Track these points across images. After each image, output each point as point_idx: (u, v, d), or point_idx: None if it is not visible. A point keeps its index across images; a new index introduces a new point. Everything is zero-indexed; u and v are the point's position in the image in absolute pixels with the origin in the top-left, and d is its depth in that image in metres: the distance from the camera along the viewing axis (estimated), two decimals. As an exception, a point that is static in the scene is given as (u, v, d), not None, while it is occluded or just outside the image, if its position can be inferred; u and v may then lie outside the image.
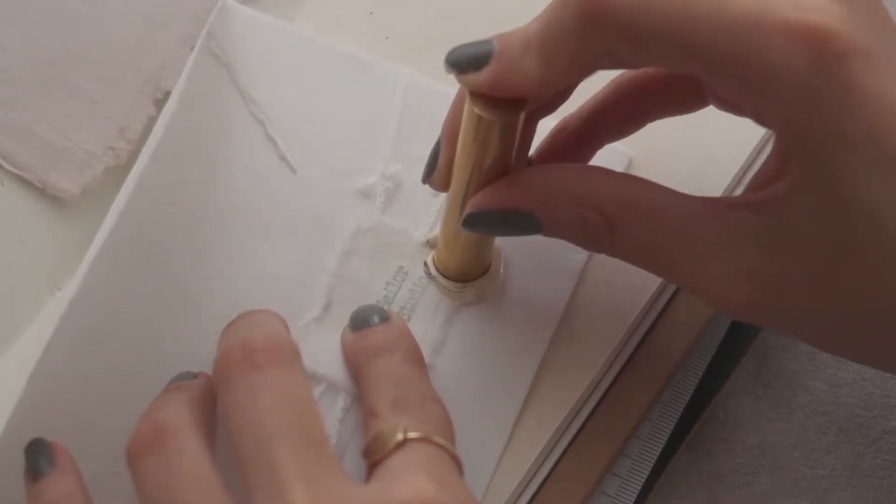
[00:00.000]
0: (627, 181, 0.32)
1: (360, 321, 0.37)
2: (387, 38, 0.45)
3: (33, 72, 0.43)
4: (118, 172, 0.41)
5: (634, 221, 0.32)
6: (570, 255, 0.39)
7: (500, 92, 0.31)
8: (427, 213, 0.41)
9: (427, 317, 0.38)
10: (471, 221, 0.34)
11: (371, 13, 0.46)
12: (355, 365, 0.36)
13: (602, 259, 0.40)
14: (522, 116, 0.32)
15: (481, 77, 0.31)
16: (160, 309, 0.38)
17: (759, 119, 0.30)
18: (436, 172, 0.37)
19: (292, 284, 0.39)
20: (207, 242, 0.40)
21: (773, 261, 0.29)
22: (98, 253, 0.36)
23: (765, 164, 0.31)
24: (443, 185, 0.37)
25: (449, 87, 0.38)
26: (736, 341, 0.42)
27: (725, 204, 0.31)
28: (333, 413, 0.37)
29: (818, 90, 0.27)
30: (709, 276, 0.31)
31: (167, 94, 0.42)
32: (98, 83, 0.43)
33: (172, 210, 0.40)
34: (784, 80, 0.27)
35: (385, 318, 0.36)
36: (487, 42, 0.31)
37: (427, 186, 0.38)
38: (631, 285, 0.39)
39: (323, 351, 0.38)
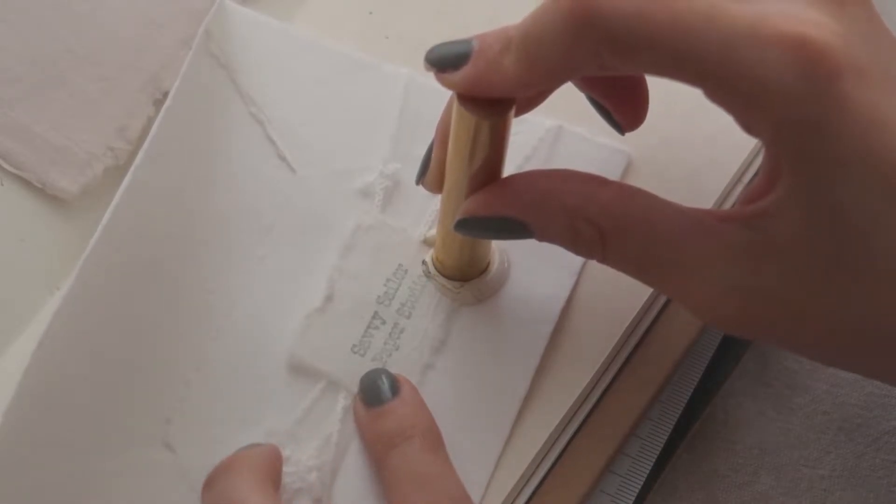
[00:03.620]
0: (621, 192, 0.32)
1: (372, 396, 0.36)
2: (386, 37, 0.45)
3: (34, 72, 0.43)
4: (118, 172, 0.41)
5: (627, 235, 0.32)
6: (570, 253, 0.39)
7: (478, 91, 0.31)
8: (426, 212, 0.41)
9: (427, 315, 0.39)
10: (462, 226, 0.34)
11: (371, 13, 0.46)
12: (373, 452, 0.36)
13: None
14: (511, 116, 0.32)
15: (459, 76, 0.31)
16: (157, 307, 0.38)
17: (749, 130, 0.29)
18: (428, 173, 0.37)
19: (292, 281, 0.39)
20: (206, 242, 0.40)
21: (762, 275, 0.29)
22: (92, 250, 0.36)
23: (756, 177, 0.31)
24: (435, 186, 0.37)
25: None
26: (736, 341, 0.42)
27: (717, 217, 0.30)
28: (334, 412, 0.37)
29: (809, 106, 0.27)
30: (699, 291, 0.30)
31: (167, 95, 0.42)
32: (98, 83, 0.43)
33: (170, 210, 0.40)
34: (775, 95, 0.27)
35: (395, 388, 0.36)
36: (467, 41, 0.31)
37: (425, 186, 0.38)
38: (631, 283, 0.39)
39: (323, 344, 0.38)
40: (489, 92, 0.31)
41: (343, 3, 0.46)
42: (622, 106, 0.37)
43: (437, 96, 0.38)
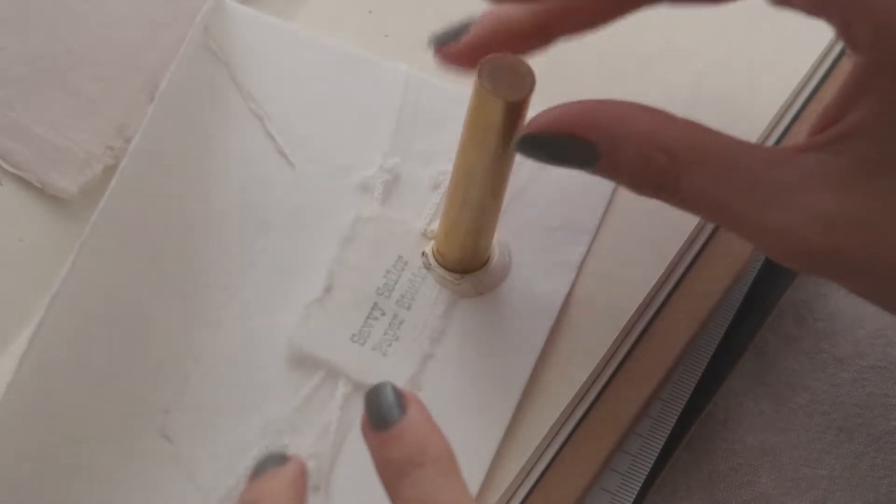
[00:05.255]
0: (695, 125, 0.30)
1: (377, 418, 0.32)
2: (386, 35, 0.45)
3: (33, 72, 0.43)
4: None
5: (704, 165, 0.30)
6: (570, 247, 0.40)
7: (496, 35, 0.29)
8: (425, 207, 0.41)
9: (427, 307, 0.38)
10: (526, 143, 0.32)
11: (370, 11, 0.46)
12: (383, 481, 0.32)
13: (602, 252, 0.40)
14: (530, 97, 0.31)
15: (468, 34, 0.30)
16: (156, 299, 0.38)
17: (846, 31, 0.28)
18: (466, 43, 0.34)
19: (291, 272, 0.39)
20: (205, 237, 0.40)
21: (847, 200, 0.28)
22: (86, 239, 0.36)
23: (829, 104, 0.29)
24: (461, 59, 0.34)
25: (447, 83, 0.38)
26: (736, 341, 0.42)
27: (795, 149, 0.29)
28: (333, 400, 0.37)
29: None
30: (780, 224, 0.29)
31: (167, 94, 0.42)
32: (98, 83, 0.43)
33: (167, 203, 0.40)
34: None
35: (402, 406, 0.32)
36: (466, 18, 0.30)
37: (425, 181, 0.38)
38: (631, 278, 0.39)
39: (323, 334, 0.38)
40: (508, 20, 0.29)
41: (343, 1, 0.46)
42: None
43: (436, 91, 0.38)
